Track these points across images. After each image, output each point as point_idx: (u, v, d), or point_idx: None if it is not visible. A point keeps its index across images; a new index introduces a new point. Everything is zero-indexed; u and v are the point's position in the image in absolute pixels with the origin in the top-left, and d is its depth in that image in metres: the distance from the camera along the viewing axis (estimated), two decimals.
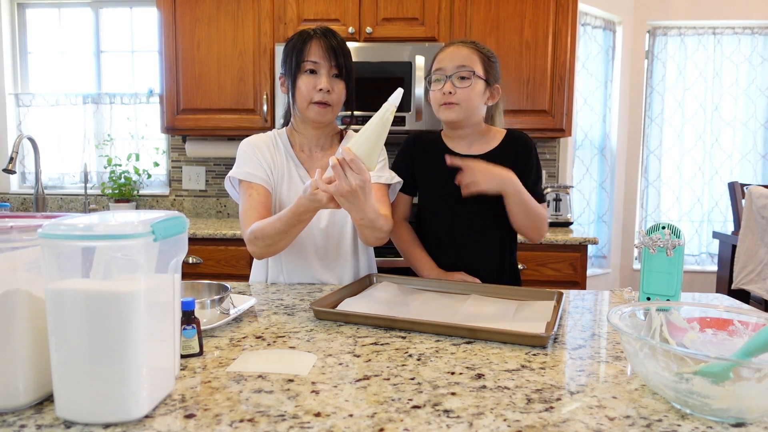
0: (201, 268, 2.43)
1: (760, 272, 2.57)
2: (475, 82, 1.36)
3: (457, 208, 1.44)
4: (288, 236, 1.23)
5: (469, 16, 2.61)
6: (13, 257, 0.64)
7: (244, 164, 1.37)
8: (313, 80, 1.32)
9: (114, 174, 3.03)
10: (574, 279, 2.41)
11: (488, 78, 1.39)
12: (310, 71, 1.32)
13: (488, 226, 1.46)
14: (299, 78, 1.33)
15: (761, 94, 3.46)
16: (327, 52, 1.31)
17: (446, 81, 1.36)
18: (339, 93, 1.35)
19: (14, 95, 3.19)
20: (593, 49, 3.28)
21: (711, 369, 0.63)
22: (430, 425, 0.62)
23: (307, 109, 1.34)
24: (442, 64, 1.38)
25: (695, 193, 3.52)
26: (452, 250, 1.47)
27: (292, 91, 1.35)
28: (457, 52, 1.37)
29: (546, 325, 0.98)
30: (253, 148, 1.39)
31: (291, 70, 1.34)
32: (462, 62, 1.36)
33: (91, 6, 3.15)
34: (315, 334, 0.96)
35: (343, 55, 1.33)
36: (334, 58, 1.32)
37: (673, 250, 1.09)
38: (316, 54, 1.31)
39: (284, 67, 1.37)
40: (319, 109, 1.33)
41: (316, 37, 1.32)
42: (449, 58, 1.37)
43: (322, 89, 1.31)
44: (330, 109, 1.35)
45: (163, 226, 0.64)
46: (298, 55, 1.32)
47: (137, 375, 0.62)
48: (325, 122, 1.39)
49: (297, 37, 1.35)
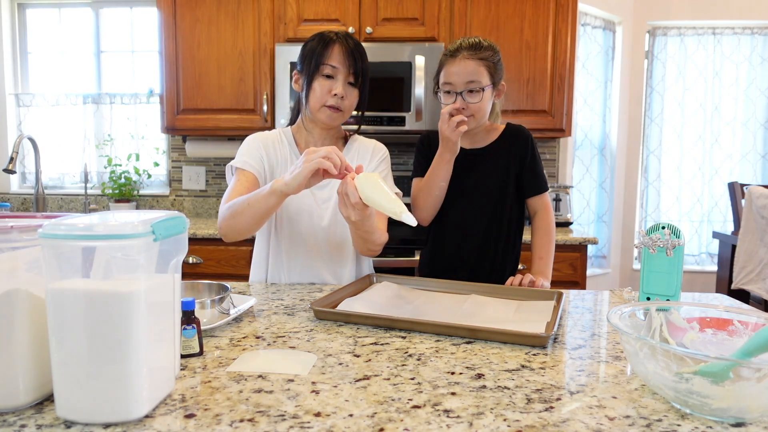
0: (201, 268, 2.44)
1: (760, 272, 2.58)
2: (484, 93, 1.42)
3: (463, 200, 1.51)
4: (250, 208, 1.19)
5: (469, 16, 2.61)
6: (13, 257, 0.64)
7: (244, 154, 1.39)
8: (329, 84, 1.34)
9: (114, 174, 3.03)
10: (574, 279, 2.42)
11: (494, 81, 1.45)
12: (327, 75, 1.34)
13: (493, 219, 1.52)
14: (316, 80, 1.34)
15: (761, 94, 3.46)
16: (347, 58, 1.33)
17: (457, 97, 1.41)
18: (351, 100, 1.38)
19: (14, 95, 3.19)
20: (593, 49, 3.28)
21: (711, 369, 0.63)
22: (430, 425, 0.63)
23: (318, 111, 1.36)
24: (451, 79, 1.42)
25: (695, 193, 3.52)
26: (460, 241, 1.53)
27: (307, 91, 1.37)
28: (464, 67, 1.40)
29: (546, 325, 0.98)
30: (258, 142, 1.42)
31: (309, 71, 1.35)
32: (470, 77, 1.40)
33: (91, 6, 3.15)
34: (315, 334, 0.97)
35: (362, 63, 1.36)
36: (353, 65, 1.34)
37: (673, 250, 1.09)
38: (336, 59, 1.33)
39: (302, 65, 1.38)
40: (330, 113, 1.36)
41: (339, 41, 1.34)
42: (457, 74, 1.41)
43: (336, 94, 1.33)
44: (341, 114, 1.37)
45: (163, 226, 0.64)
46: (318, 57, 1.34)
47: (137, 375, 0.62)
48: (335, 126, 1.43)
49: (319, 38, 1.36)
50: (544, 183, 1.54)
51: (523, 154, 1.51)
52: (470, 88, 1.40)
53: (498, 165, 1.51)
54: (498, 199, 1.51)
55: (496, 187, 1.51)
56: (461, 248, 1.52)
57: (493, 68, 1.43)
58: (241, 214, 1.21)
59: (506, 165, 1.51)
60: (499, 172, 1.51)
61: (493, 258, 1.52)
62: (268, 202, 1.17)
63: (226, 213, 1.25)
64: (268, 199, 1.16)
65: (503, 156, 1.51)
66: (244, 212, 1.21)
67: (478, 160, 1.52)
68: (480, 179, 1.51)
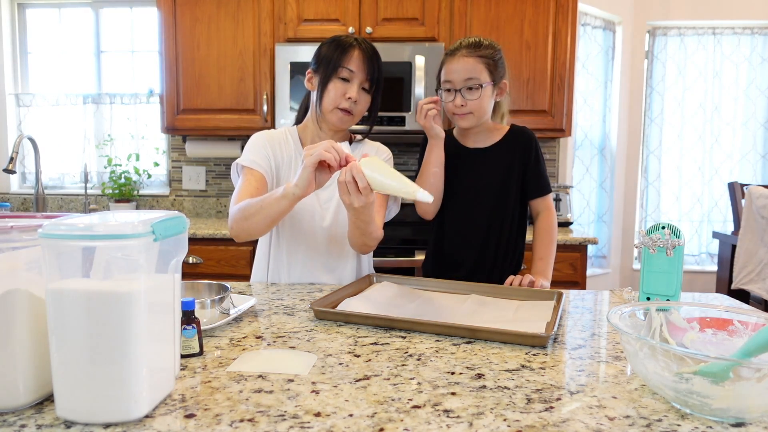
0: (201, 268, 2.43)
1: (760, 272, 2.58)
2: (483, 90, 1.42)
3: (464, 199, 1.52)
4: (263, 211, 1.21)
5: (469, 16, 2.61)
6: (13, 257, 0.64)
7: (251, 153, 1.40)
8: (344, 87, 1.35)
9: (114, 174, 3.03)
10: (574, 279, 2.42)
11: (494, 79, 1.45)
12: (343, 78, 1.35)
13: (495, 219, 1.51)
14: (332, 81, 1.35)
15: (761, 94, 3.46)
16: (364, 63, 1.35)
17: (456, 94, 1.42)
18: (363, 105, 1.39)
19: (14, 95, 3.19)
20: (593, 49, 3.28)
21: (711, 369, 0.63)
22: (430, 425, 0.63)
23: (331, 113, 1.37)
24: (450, 77, 1.43)
25: (695, 193, 3.52)
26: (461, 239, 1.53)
27: (321, 92, 1.37)
28: (463, 64, 1.41)
29: (546, 325, 0.98)
30: (264, 140, 1.42)
31: (326, 72, 1.35)
32: (469, 75, 1.41)
33: (91, 6, 3.15)
34: (315, 334, 0.97)
35: (378, 71, 1.38)
36: (369, 71, 1.36)
37: (673, 250, 1.09)
38: (354, 63, 1.34)
39: (317, 65, 1.39)
40: (342, 116, 1.36)
41: (358, 46, 1.35)
42: (456, 71, 1.42)
43: (350, 98, 1.34)
44: (351, 117, 1.38)
45: (163, 226, 0.64)
46: (337, 60, 1.34)
47: (137, 375, 0.62)
48: (344, 129, 1.43)
49: (338, 41, 1.37)
50: (548, 185, 1.54)
51: (526, 155, 1.51)
52: (469, 85, 1.41)
53: (501, 165, 1.51)
54: (500, 199, 1.51)
55: (498, 188, 1.51)
56: (462, 247, 1.53)
57: (493, 66, 1.43)
58: (254, 216, 1.23)
59: (509, 166, 1.51)
60: (502, 173, 1.51)
61: (494, 258, 1.52)
62: (280, 205, 1.18)
63: (238, 215, 1.26)
64: (280, 202, 1.18)
65: (506, 157, 1.51)
66: (256, 215, 1.22)
67: (481, 159, 1.52)
68: (482, 179, 1.51)
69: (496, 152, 1.51)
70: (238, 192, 1.34)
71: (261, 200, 1.22)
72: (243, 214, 1.25)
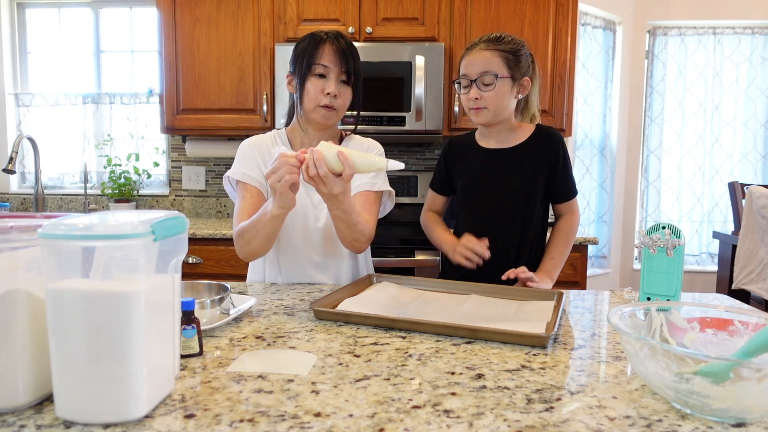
0: (201, 268, 2.43)
1: (761, 272, 2.57)
2: (499, 83, 1.38)
3: (485, 201, 1.48)
4: (259, 234, 1.23)
5: (469, 16, 2.61)
6: (13, 257, 0.64)
7: (242, 165, 1.40)
8: (321, 84, 1.34)
9: (114, 174, 3.03)
10: (574, 279, 2.42)
11: (514, 74, 1.41)
12: (319, 75, 1.34)
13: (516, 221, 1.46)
14: (308, 80, 1.34)
15: (761, 94, 3.46)
16: (338, 57, 1.33)
17: (471, 87, 1.40)
18: (345, 98, 1.38)
19: (14, 95, 3.19)
20: (593, 49, 3.28)
21: (711, 369, 0.63)
22: (430, 425, 0.62)
23: (313, 111, 1.36)
24: (466, 70, 1.41)
25: (695, 193, 3.52)
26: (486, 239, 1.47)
27: (300, 92, 1.37)
28: (479, 57, 1.39)
29: (546, 325, 0.98)
30: (252, 149, 1.41)
31: (301, 72, 1.35)
32: (484, 67, 1.38)
33: (91, 6, 3.15)
34: (315, 334, 0.96)
35: (354, 61, 1.36)
36: (344, 63, 1.34)
37: (673, 250, 1.09)
38: (327, 58, 1.33)
39: (294, 66, 1.38)
40: (325, 113, 1.36)
41: (329, 41, 1.34)
42: (471, 64, 1.40)
43: (329, 93, 1.33)
44: (335, 113, 1.37)
45: (163, 226, 0.64)
46: (309, 58, 1.34)
47: (137, 375, 0.62)
48: (330, 125, 1.42)
49: (309, 38, 1.36)
50: (574, 188, 1.49)
51: (554, 159, 1.44)
52: (484, 79, 1.38)
53: (525, 168, 1.45)
54: (522, 202, 1.44)
55: (521, 190, 1.44)
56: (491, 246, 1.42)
57: (513, 61, 1.39)
58: (253, 240, 1.25)
59: (534, 169, 1.44)
60: (526, 176, 1.45)
61: (515, 261, 1.44)
62: (273, 225, 1.22)
63: (240, 241, 1.29)
64: (273, 222, 1.20)
65: (531, 159, 1.44)
66: (255, 238, 1.25)
67: (503, 160, 1.46)
68: (504, 180, 1.45)
69: (520, 153, 1.45)
70: (237, 212, 1.35)
71: (255, 224, 1.23)
72: (244, 240, 1.27)
